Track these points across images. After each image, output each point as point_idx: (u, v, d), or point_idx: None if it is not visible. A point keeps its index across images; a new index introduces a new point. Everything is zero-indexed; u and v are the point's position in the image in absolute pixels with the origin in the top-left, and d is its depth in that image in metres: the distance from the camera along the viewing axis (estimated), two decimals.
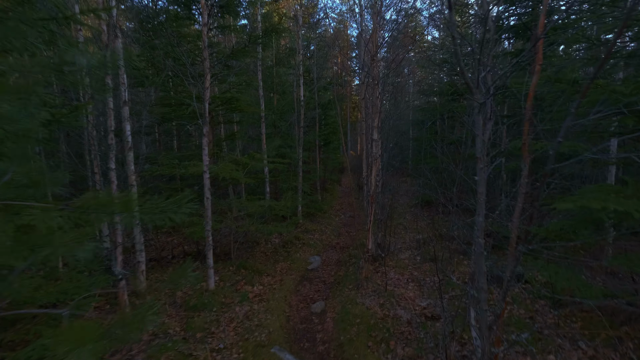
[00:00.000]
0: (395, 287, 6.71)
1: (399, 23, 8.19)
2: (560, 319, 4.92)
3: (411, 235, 11.03)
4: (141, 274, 6.25)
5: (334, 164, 22.05)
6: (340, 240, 10.81)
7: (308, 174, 14.59)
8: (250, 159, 7.63)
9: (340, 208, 15.94)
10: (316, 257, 8.71)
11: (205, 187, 5.75)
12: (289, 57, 13.97)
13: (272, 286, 6.90)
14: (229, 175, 6.52)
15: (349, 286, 6.72)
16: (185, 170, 7.01)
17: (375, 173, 6.21)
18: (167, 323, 5.34)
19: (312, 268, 8.15)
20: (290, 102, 12.71)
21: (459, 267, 7.44)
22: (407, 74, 22.53)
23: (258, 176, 8.09)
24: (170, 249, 8.95)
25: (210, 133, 8.10)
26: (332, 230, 11.60)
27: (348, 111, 34.97)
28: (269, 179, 10.51)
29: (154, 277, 7.15)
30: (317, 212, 12.96)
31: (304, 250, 9.17)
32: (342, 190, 21.75)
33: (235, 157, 7.47)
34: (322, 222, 12.31)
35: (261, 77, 10.62)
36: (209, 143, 8.15)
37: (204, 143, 5.66)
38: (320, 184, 15.93)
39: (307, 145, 14.35)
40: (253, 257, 8.49)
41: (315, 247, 9.57)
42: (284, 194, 10.47)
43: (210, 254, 5.94)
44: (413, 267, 7.88)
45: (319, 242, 10.15)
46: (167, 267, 7.90)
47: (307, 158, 13.49)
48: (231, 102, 7.46)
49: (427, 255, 8.52)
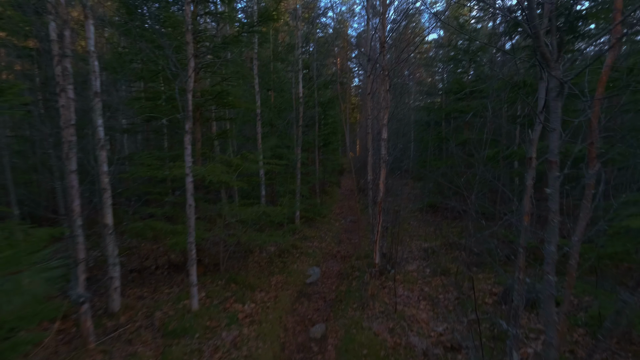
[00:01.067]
0: (405, 306, 5.92)
1: (407, 10, 7.42)
2: (609, 355, 4.14)
3: (417, 244, 10.24)
4: (114, 292, 5.42)
5: (334, 166, 21.25)
6: (341, 248, 10.01)
7: (307, 176, 13.80)
8: (243, 159, 6.83)
9: (340, 212, 15.15)
10: (315, 269, 7.91)
11: (187, 193, 4.94)
12: (288, 52, 13.19)
13: (266, 304, 6.08)
14: (217, 179, 5.73)
15: (353, 305, 5.91)
16: (169, 172, 6.22)
17: (383, 177, 5.44)
18: (140, 353, 4.52)
19: (311, 282, 7.35)
20: (289, 99, 11.92)
21: (476, 282, 6.64)
22: (407, 75, 21.81)
23: (252, 179, 7.29)
24: (154, 258, 8.12)
25: (199, 131, 7.29)
26: (332, 237, 10.80)
27: (347, 112, 34.37)
28: (264, 182, 9.70)
29: (132, 293, 6.32)
30: (316, 217, 12.16)
31: (301, 261, 8.36)
32: (342, 192, 20.97)
33: (226, 157, 6.66)
34: (322, 228, 11.51)
35: (257, 71, 9.83)
36: (197, 142, 7.36)
37: (186, 141, 4.86)
38: (319, 186, 15.14)
39: (305, 145, 13.56)
40: (245, 268, 7.68)
41: (314, 256, 8.77)
42: (281, 198, 9.69)
43: (193, 270, 5.13)
44: (423, 281, 7.10)
45: (318, 250, 9.35)
46: (150, 280, 7.08)
47: (305, 159, 12.71)
48: (222, 96, 6.66)
49: (437, 268, 7.74)
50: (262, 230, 8.98)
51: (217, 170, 6.27)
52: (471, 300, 5.77)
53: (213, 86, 6.85)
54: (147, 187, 8.28)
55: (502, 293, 5.66)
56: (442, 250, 9.28)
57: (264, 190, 10.05)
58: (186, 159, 4.90)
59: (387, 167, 5.43)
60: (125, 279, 7.29)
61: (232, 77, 6.81)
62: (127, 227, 6.87)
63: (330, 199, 17.25)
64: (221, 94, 6.51)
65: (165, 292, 6.37)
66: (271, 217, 7.09)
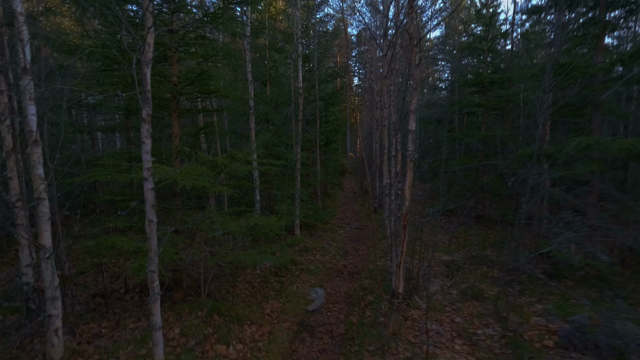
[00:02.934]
0: (437, 347, 4.58)
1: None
2: None
3: (435, 256, 8.90)
4: (54, 335, 4.08)
5: (335, 166, 19.93)
6: (348, 262, 8.68)
7: (307, 178, 12.47)
8: (230, 159, 5.49)
9: (344, 217, 13.82)
10: (319, 291, 6.57)
11: (147, 204, 3.60)
12: (285, 41, 11.87)
13: (257, 344, 4.75)
14: (192, 183, 4.39)
15: (370, 347, 4.57)
16: (137, 175, 4.90)
17: (410, 180, 4.12)
18: None
19: (314, 308, 6.01)
20: (287, 93, 10.60)
21: (524, 313, 5.29)
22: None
23: (241, 183, 5.95)
24: (125, 278, 6.77)
25: (176, 125, 5.96)
26: (337, 247, 9.46)
27: (347, 112, 33.21)
28: (259, 186, 8.36)
29: (87, 329, 4.97)
30: (318, 224, 10.82)
31: (302, 280, 7.02)
32: (345, 195, 19.64)
33: (209, 157, 5.31)
34: (325, 237, 10.17)
35: (250, 58, 8.50)
36: (175, 138, 6.03)
37: (143, 133, 3.52)
38: (321, 189, 13.81)
39: (305, 144, 12.23)
40: (234, 291, 6.35)
41: (316, 273, 7.43)
42: (278, 204, 8.36)
43: (156, 309, 3.77)
44: (452, 308, 5.76)
45: (322, 265, 8.01)
46: (116, 308, 5.74)
47: (305, 159, 11.39)
48: (202, 80, 5.34)
49: (466, 289, 6.40)
50: (255, 242, 7.65)
51: (194, 172, 4.94)
52: (524, 342, 4.44)
53: (191, 69, 5.50)
54: (118, 194, 6.94)
55: (565, 332, 4.32)
56: (467, 265, 7.95)
57: (259, 195, 8.72)
58: (144, 158, 3.55)
59: (414, 168, 4.12)
60: (86, 306, 5.96)
61: (215, 56, 5.48)
62: (73, 246, 5.55)
63: (333, 202, 15.92)
64: (201, 77, 5.18)
65: (130, 327, 5.02)
66: (265, 229, 5.75)
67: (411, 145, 4.08)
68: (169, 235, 5.48)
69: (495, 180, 11.71)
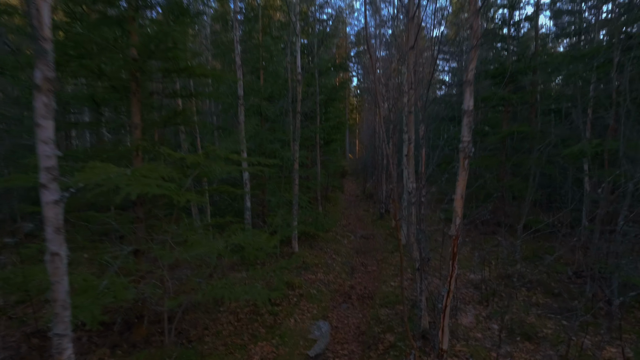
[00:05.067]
0: None
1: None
2: None
3: (459, 273, 7.50)
4: None
5: (336, 168, 18.53)
6: (356, 281, 7.27)
7: (306, 181, 11.06)
8: (203, 157, 4.08)
9: (347, 224, 12.41)
10: (322, 326, 5.14)
11: (47, 227, 2.18)
12: (281, 29, 10.50)
13: None
14: (138, 191, 2.98)
15: None
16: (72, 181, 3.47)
17: (463, 187, 2.73)
18: None
19: (317, 353, 4.58)
20: (283, 83, 9.21)
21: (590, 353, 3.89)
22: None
23: (221, 189, 4.52)
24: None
25: (137, 111, 4.54)
26: (341, 263, 8.05)
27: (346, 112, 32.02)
28: (248, 192, 6.94)
29: None
30: (319, 233, 9.39)
31: (301, 309, 5.60)
32: (346, 198, 18.24)
33: (177, 154, 3.89)
34: (327, 249, 8.76)
35: (238, 36, 7.10)
36: (135, 129, 4.60)
37: (38, 110, 2.11)
38: (321, 192, 12.39)
39: (303, 143, 10.81)
40: (214, 326, 4.94)
41: (319, 299, 6.01)
42: (271, 216, 6.97)
43: None
44: (499, 355, 4.34)
45: (324, 287, 6.60)
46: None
47: (304, 159, 9.99)
48: (165, 47, 3.94)
49: (510, 323, 5.00)
50: (243, 261, 6.23)
51: (152, 174, 3.51)
52: None
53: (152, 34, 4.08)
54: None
55: None
56: (500, 286, 6.55)
57: (249, 202, 7.30)
58: (40, 151, 2.13)
59: (467, 168, 2.73)
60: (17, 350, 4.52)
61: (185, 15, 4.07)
62: None
63: (334, 207, 14.52)
64: (165, 44, 3.76)
65: None
66: (252, 250, 4.33)
67: (466, 134, 2.69)
68: (122, 258, 4.07)
69: (519, 183, 10.37)
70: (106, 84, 4.63)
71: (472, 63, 2.62)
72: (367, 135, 30.95)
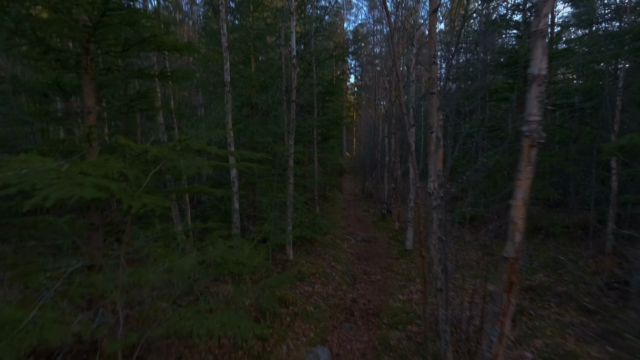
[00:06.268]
0: None
1: None
2: None
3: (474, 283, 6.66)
4: None
5: (334, 166, 17.65)
6: (359, 293, 6.42)
7: (302, 179, 10.17)
8: (171, 150, 3.17)
9: (347, 226, 11.55)
10: (321, 353, 4.28)
11: None
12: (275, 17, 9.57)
13: None
14: (63, 194, 2.08)
15: None
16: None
17: (527, 185, 1.89)
18: None
19: None
20: (277, 71, 8.29)
21: None
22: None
23: (194, 189, 3.62)
24: None
25: (91, 93, 3.63)
26: (341, 271, 7.18)
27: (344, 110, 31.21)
28: (236, 192, 6.04)
29: None
30: (316, 236, 8.52)
31: (295, 332, 4.72)
32: (345, 198, 17.39)
33: (137, 145, 2.98)
34: (325, 256, 7.89)
35: (225, 13, 6.18)
36: (88, 114, 3.67)
37: None
38: (318, 192, 11.51)
39: (298, 138, 9.90)
40: (190, 356, 4.05)
41: (316, 318, 5.14)
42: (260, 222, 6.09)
43: None
44: None
45: (323, 301, 5.73)
46: None
47: (300, 155, 9.10)
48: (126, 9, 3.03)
49: (549, 352, 4.17)
50: (231, 275, 5.34)
51: (99, 170, 2.61)
52: None
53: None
54: None
55: None
56: (525, 300, 5.73)
57: (237, 203, 6.40)
58: None
59: (534, 162, 1.91)
60: None
61: None
62: None
63: (332, 207, 13.65)
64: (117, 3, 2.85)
65: None
66: (234, 265, 3.45)
67: (535, 110, 1.83)
68: (65, 278, 3.17)
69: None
70: (52, 58, 3.70)
71: (548, 4, 1.76)
72: (366, 133, 30.11)
